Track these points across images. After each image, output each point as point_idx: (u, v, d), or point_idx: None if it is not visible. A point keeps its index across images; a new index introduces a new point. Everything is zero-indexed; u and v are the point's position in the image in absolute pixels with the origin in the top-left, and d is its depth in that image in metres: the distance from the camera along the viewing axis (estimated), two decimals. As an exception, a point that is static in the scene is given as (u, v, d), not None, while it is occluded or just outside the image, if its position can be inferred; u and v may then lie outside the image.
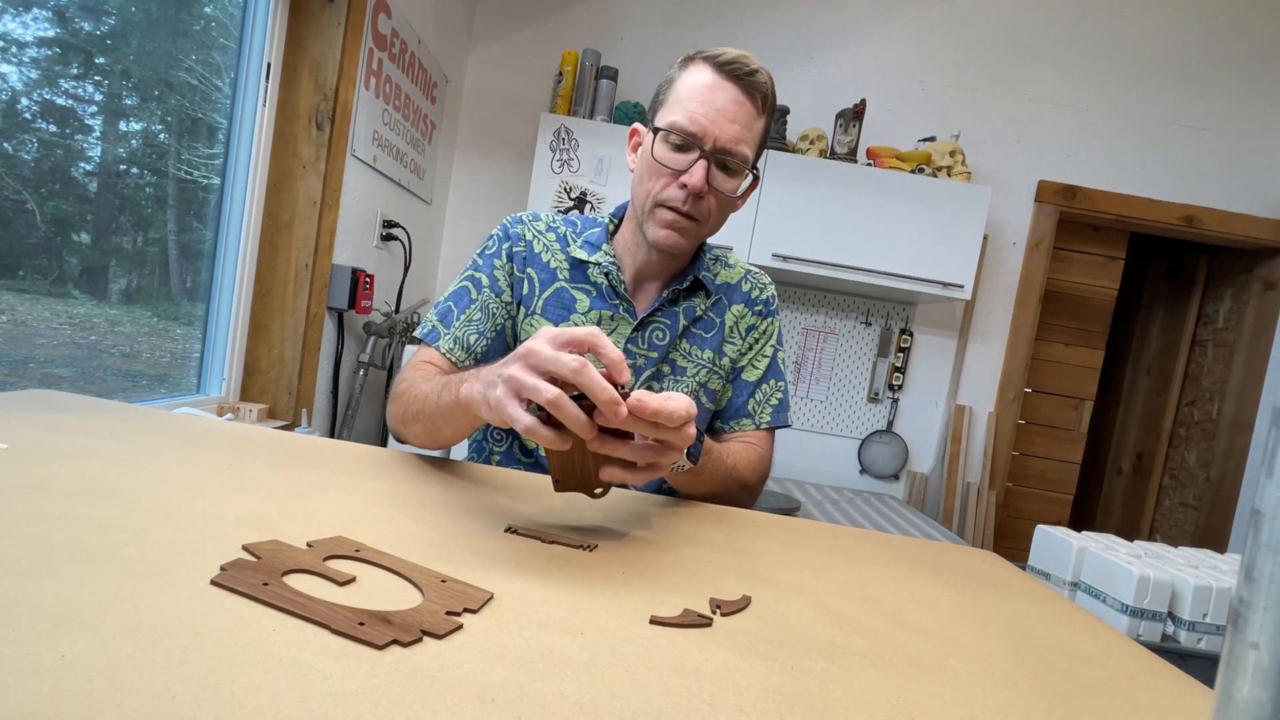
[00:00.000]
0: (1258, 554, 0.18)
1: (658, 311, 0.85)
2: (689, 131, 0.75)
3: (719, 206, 0.80)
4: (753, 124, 0.77)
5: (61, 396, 0.70)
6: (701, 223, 0.79)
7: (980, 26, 2.56)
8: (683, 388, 0.86)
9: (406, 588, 0.39)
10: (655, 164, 0.77)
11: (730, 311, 0.90)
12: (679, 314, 0.86)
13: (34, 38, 1.11)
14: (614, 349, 0.50)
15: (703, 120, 0.74)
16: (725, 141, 0.75)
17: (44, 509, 0.41)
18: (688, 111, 0.75)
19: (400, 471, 0.64)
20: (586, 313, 0.84)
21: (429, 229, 2.49)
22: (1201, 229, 2.57)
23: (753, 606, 0.45)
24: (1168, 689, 0.43)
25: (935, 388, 2.65)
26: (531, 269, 0.86)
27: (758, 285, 0.92)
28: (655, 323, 0.85)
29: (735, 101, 0.75)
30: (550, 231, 0.88)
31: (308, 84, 1.63)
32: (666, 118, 0.77)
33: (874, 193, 2.21)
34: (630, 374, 0.48)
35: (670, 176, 0.77)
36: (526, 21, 2.58)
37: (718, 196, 0.78)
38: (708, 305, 0.88)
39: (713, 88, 0.75)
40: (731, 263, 0.93)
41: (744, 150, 0.76)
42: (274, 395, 1.69)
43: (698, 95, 0.75)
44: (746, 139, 0.77)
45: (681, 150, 0.76)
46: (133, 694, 0.25)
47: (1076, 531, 1.40)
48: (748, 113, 0.76)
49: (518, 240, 0.87)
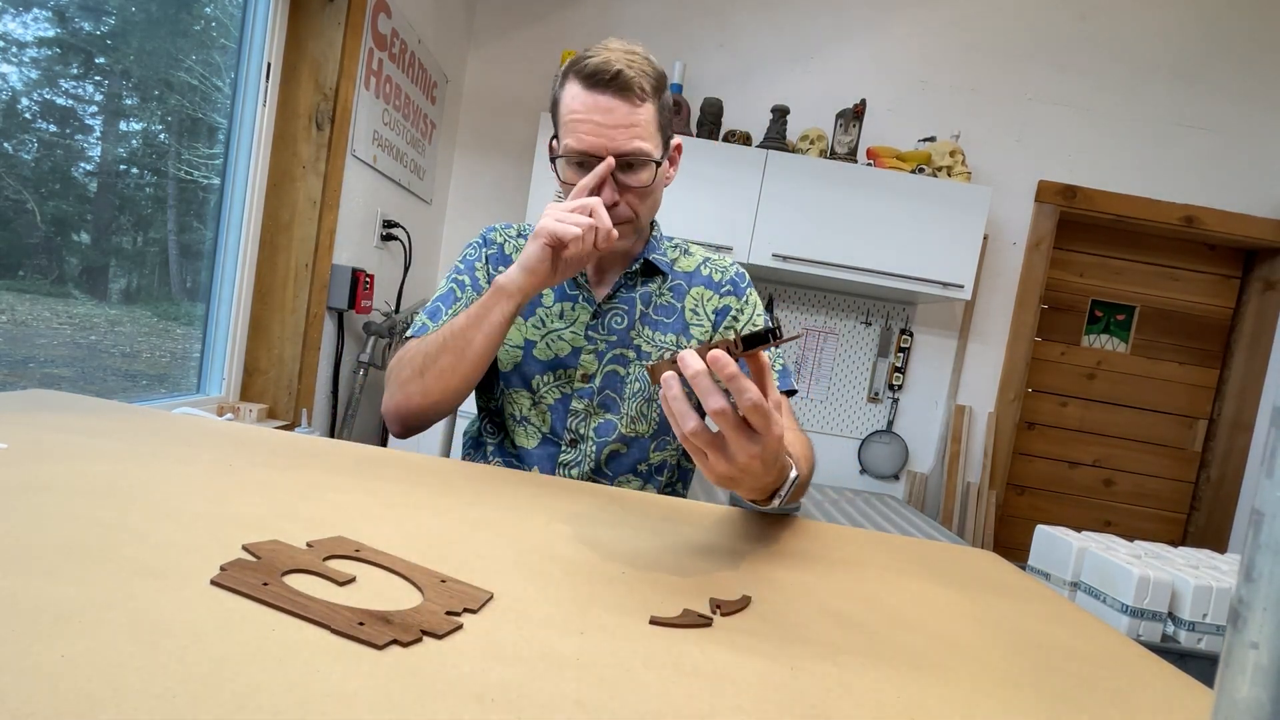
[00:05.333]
0: (1258, 554, 0.18)
1: (613, 297, 0.90)
2: (582, 152, 0.79)
3: (641, 198, 0.84)
4: (635, 117, 0.79)
5: (61, 396, 0.70)
6: (631, 220, 0.84)
7: (980, 26, 2.56)
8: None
9: (406, 588, 0.39)
10: (568, 186, 0.83)
11: (690, 295, 0.93)
12: (635, 298, 0.91)
13: (34, 38, 1.11)
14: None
15: (588, 138, 0.79)
16: (615, 148, 0.79)
17: (44, 509, 0.41)
18: (575, 133, 0.79)
19: (400, 471, 0.64)
20: (550, 306, 0.90)
21: (429, 229, 2.49)
22: (1201, 229, 2.57)
23: (753, 606, 0.45)
24: (1168, 689, 0.43)
25: (935, 388, 2.65)
26: (503, 268, 0.93)
27: (717, 269, 0.96)
28: (613, 309, 0.90)
29: (609, 108, 0.78)
30: (520, 237, 0.96)
31: (308, 84, 1.63)
32: (562, 142, 0.82)
33: (874, 193, 2.21)
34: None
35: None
36: (526, 21, 2.58)
37: (634, 192, 0.82)
38: (665, 290, 0.92)
39: (587, 102, 0.78)
40: (691, 250, 0.98)
41: (638, 145, 0.79)
42: (274, 395, 1.69)
43: (578, 113, 0.79)
44: (637, 133, 0.79)
45: (583, 167, 0.81)
46: (133, 694, 0.25)
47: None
48: (627, 111, 0.79)
49: (492, 245, 0.95)
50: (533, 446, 0.89)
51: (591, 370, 0.89)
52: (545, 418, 0.89)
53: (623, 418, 0.89)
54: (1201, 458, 2.77)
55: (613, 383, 0.89)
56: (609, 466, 0.90)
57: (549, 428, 0.89)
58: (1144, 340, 2.75)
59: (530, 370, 0.89)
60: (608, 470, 0.90)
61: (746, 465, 0.49)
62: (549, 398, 0.89)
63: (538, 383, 0.89)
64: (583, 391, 0.89)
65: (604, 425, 0.89)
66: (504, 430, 0.93)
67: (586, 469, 0.88)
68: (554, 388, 0.89)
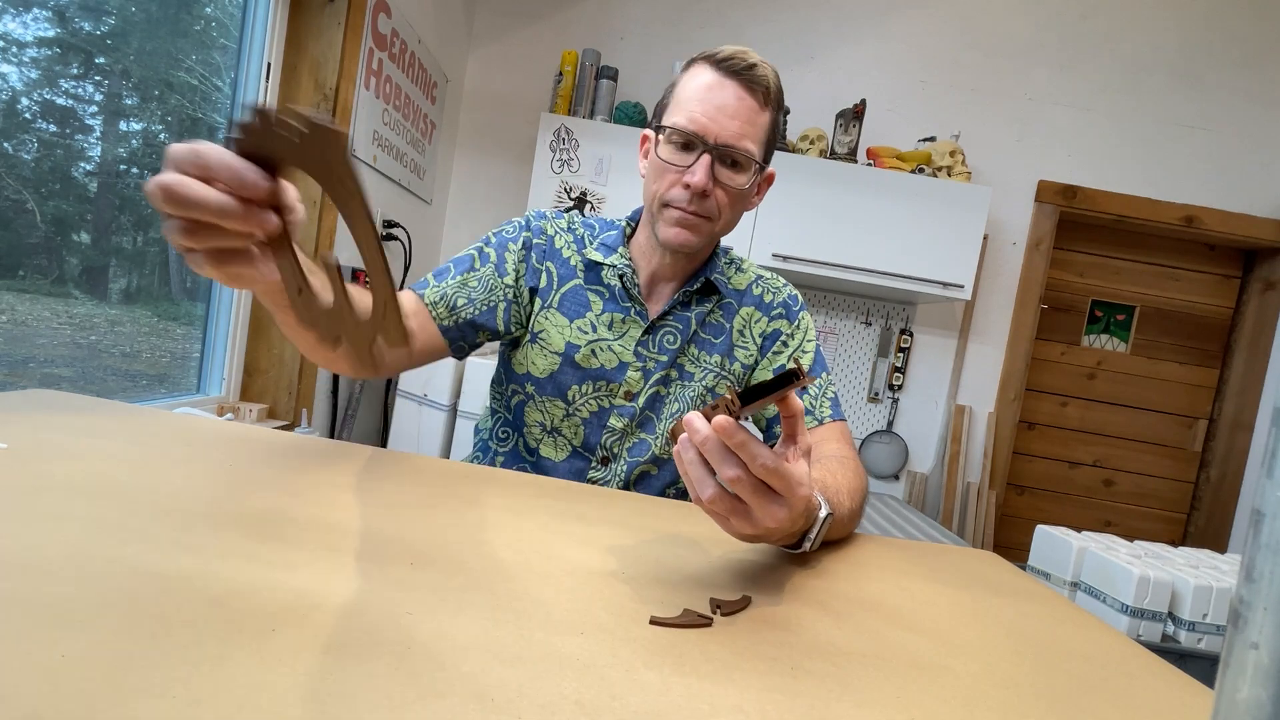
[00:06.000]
0: (1258, 554, 0.18)
1: (669, 314, 0.85)
2: (689, 130, 0.75)
3: (730, 203, 0.79)
4: (755, 118, 0.77)
5: (61, 396, 0.70)
6: (711, 220, 0.79)
7: (980, 26, 2.56)
8: (689, 393, 0.85)
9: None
10: (661, 164, 0.78)
11: (739, 315, 0.88)
12: (690, 318, 0.85)
13: (34, 38, 1.11)
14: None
15: (702, 119, 0.75)
16: (727, 138, 0.75)
17: (44, 509, 0.41)
18: (688, 111, 0.76)
19: (400, 471, 0.64)
20: (599, 315, 0.84)
21: (429, 229, 2.49)
22: (1201, 229, 2.57)
23: (753, 606, 0.45)
24: (1168, 689, 0.43)
25: (935, 388, 2.65)
26: (551, 263, 0.86)
27: (770, 289, 0.91)
28: (666, 326, 0.85)
29: (736, 97, 0.75)
30: (569, 232, 0.88)
31: (308, 84, 1.63)
32: (670, 119, 0.78)
33: (874, 193, 2.21)
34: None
35: (675, 175, 0.77)
36: (526, 21, 2.58)
37: (726, 192, 0.78)
38: (716, 309, 0.87)
39: (712, 86, 0.75)
40: (744, 267, 0.92)
41: (747, 145, 0.76)
42: (274, 395, 1.69)
43: (698, 95, 0.76)
44: (750, 134, 0.76)
45: (685, 149, 0.77)
46: (133, 694, 0.25)
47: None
48: (749, 107, 0.76)
49: (539, 233, 0.87)
50: (560, 459, 0.84)
51: (636, 389, 0.83)
52: (578, 431, 0.84)
53: (658, 439, 0.84)
54: (1201, 458, 2.77)
55: (654, 403, 0.84)
56: (638, 487, 0.85)
57: (581, 441, 0.84)
58: (1144, 340, 2.75)
59: (567, 379, 0.83)
60: (636, 491, 0.85)
61: (771, 529, 0.47)
62: (584, 410, 0.83)
63: (574, 393, 0.83)
64: (624, 409, 0.83)
65: (639, 445, 0.84)
66: (520, 435, 0.87)
67: (616, 487, 0.84)
68: (591, 399, 0.84)
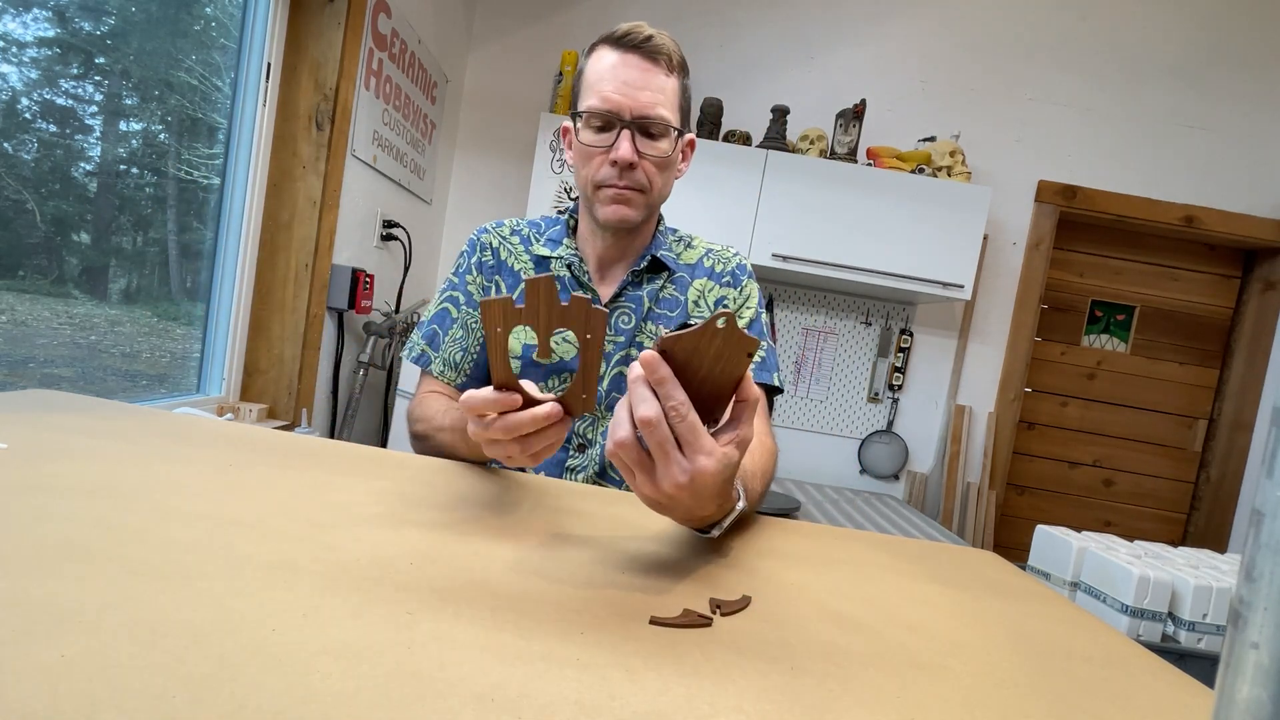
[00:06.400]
0: (1258, 554, 0.18)
1: (621, 295, 0.88)
2: (604, 110, 0.79)
3: (658, 171, 0.83)
4: (664, 86, 0.80)
5: (61, 396, 0.70)
6: (644, 192, 0.82)
7: (980, 26, 2.56)
8: None
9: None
10: (585, 149, 0.82)
11: (693, 287, 0.91)
12: (643, 295, 0.88)
13: (34, 38, 1.11)
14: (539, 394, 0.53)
15: (614, 96, 0.78)
16: (640, 109, 0.78)
17: (44, 509, 0.41)
18: (599, 92, 0.79)
19: (400, 472, 0.64)
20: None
21: (429, 229, 2.49)
22: (1201, 229, 2.57)
23: (753, 606, 0.45)
24: (1168, 689, 0.43)
25: (935, 388, 2.65)
26: (499, 276, 0.90)
27: (720, 259, 0.93)
28: (620, 307, 0.88)
29: (641, 70, 0.78)
30: (514, 235, 0.92)
31: (308, 84, 1.63)
32: (584, 104, 0.81)
33: (874, 193, 2.21)
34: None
35: (601, 156, 0.81)
36: (526, 21, 2.58)
37: (652, 162, 0.81)
38: (669, 284, 0.90)
39: (616, 64, 0.79)
40: (694, 244, 0.96)
41: (661, 112, 0.79)
42: (274, 395, 1.69)
43: (605, 74, 0.79)
44: (661, 101, 0.80)
45: (604, 130, 0.80)
46: (133, 694, 0.25)
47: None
48: (655, 77, 0.79)
49: (485, 249, 0.91)
50: None
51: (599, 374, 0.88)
52: None
53: None
54: (1201, 458, 2.77)
55: (620, 384, 0.87)
56: (614, 469, 0.88)
57: None
58: (1144, 340, 2.75)
59: (533, 377, 0.86)
60: (614, 474, 0.88)
61: (673, 496, 0.44)
62: None
63: (542, 390, 0.86)
64: None
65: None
66: None
67: (592, 472, 0.87)
68: (559, 392, 0.86)
